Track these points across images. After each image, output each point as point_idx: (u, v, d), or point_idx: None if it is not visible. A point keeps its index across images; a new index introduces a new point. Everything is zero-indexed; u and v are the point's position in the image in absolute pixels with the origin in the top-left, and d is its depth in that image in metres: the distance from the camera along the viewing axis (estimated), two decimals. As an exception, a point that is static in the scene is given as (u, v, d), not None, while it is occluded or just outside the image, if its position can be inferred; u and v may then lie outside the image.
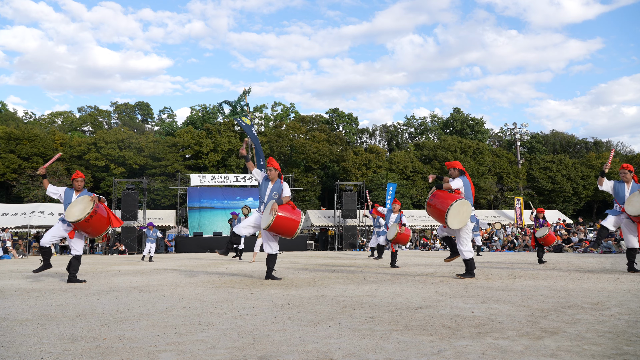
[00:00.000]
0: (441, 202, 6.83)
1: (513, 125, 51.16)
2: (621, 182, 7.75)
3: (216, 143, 43.83)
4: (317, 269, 9.78)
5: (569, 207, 45.60)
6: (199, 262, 13.83)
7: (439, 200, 6.89)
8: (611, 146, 58.06)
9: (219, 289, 5.89)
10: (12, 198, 37.78)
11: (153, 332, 3.21)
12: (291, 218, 6.80)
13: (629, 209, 7.35)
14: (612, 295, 4.78)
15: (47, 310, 4.26)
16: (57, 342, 2.95)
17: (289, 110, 60.41)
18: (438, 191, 7.03)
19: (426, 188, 43.46)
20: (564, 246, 19.42)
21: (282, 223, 6.73)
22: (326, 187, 45.73)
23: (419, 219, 31.49)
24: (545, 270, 8.46)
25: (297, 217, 6.86)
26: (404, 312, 3.90)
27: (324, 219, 30.53)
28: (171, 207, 35.63)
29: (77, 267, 7.24)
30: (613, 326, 3.18)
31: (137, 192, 26.77)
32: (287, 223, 6.77)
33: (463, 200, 6.76)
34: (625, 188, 7.64)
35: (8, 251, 19.96)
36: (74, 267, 7.21)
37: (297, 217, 6.87)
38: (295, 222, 6.81)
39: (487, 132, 59.38)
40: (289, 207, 6.91)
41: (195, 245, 25.29)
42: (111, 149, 41.07)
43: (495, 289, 5.45)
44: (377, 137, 61.24)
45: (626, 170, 7.74)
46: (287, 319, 3.64)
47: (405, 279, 7.12)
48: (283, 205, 6.87)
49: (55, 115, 57.23)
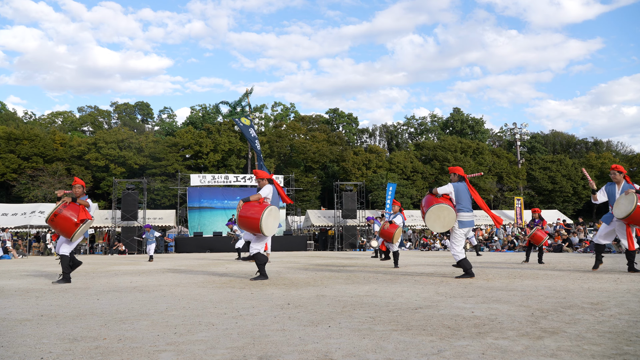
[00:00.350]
0: (424, 206, 7.21)
1: (513, 125, 51.17)
2: (612, 184, 7.65)
3: (216, 143, 43.83)
4: (317, 269, 9.78)
5: (569, 207, 45.60)
6: (199, 262, 13.83)
7: (424, 204, 7.26)
8: (611, 146, 58.08)
9: (219, 289, 5.89)
10: (12, 198, 37.78)
11: (153, 332, 3.21)
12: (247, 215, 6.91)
13: (616, 212, 7.29)
14: (612, 295, 4.78)
15: (47, 310, 4.26)
16: (57, 342, 2.95)
17: (289, 110, 60.43)
18: (428, 196, 7.32)
19: (426, 188, 43.46)
20: (562, 246, 19.42)
21: (242, 222, 6.97)
22: (326, 187, 45.74)
23: (419, 219, 31.46)
24: (545, 270, 8.46)
25: (256, 215, 6.86)
26: (404, 312, 3.90)
27: (324, 219, 30.53)
28: (171, 207, 35.63)
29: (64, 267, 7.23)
30: (613, 326, 3.18)
31: (137, 192, 26.77)
32: (247, 221, 6.92)
33: (441, 205, 6.98)
34: (616, 189, 7.54)
35: (8, 251, 19.96)
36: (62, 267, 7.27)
37: (257, 214, 6.86)
38: (254, 219, 6.87)
39: (487, 132, 59.40)
40: (255, 204, 7.01)
41: (195, 245, 25.29)
42: (111, 149, 41.07)
43: (495, 289, 5.45)
44: (377, 137, 61.26)
45: (615, 171, 7.62)
46: (287, 319, 3.64)
47: (405, 279, 7.12)
48: (247, 203, 7.00)
49: (55, 115, 57.26)
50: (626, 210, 7.11)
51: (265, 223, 6.84)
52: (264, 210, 6.85)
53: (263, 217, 6.80)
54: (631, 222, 7.27)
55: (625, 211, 7.12)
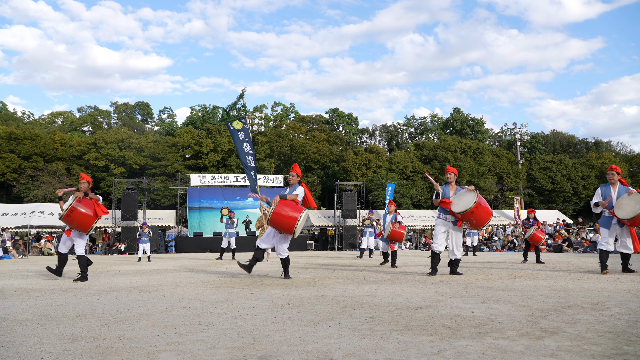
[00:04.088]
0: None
1: (513, 125, 51.16)
2: (607, 186, 7.57)
3: (216, 143, 43.83)
4: (317, 268, 9.78)
5: (569, 207, 45.58)
6: (199, 262, 13.83)
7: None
8: (611, 146, 58.07)
9: (219, 289, 5.89)
10: (12, 198, 37.77)
11: (153, 332, 3.21)
12: (286, 214, 6.87)
13: (620, 213, 7.19)
14: (612, 295, 4.78)
15: (47, 310, 4.26)
16: (57, 342, 2.95)
17: (289, 110, 60.43)
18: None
19: (426, 188, 43.45)
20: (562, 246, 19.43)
21: (277, 219, 6.91)
22: (326, 187, 45.73)
23: (419, 219, 31.48)
24: (545, 270, 8.46)
25: (294, 214, 6.87)
26: (404, 312, 3.90)
27: (324, 219, 30.52)
28: (171, 207, 35.61)
29: (81, 266, 7.38)
30: (613, 326, 3.18)
31: (137, 192, 26.76)
32: (282, 219, 6.89)
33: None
34: (611, 191, 7.46)
35: (8, 251, 19.96)
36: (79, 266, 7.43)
37: (296, 213, 6.88)
38: (291, 219, 6.86)
39: (487, 132, 59.39)
40: (292, 203, 6.99)
41: (195, 245, 25.28)
42: (111, 149, 41.06)
43: (495, 289, 5.45)
44: (377, 137, 61.23)
45: (614, 171, 7.56)
46: (287, 319, 3.64)
47: (405, 279, 7.12)
48: (284, 200, 6.97)
49: (55, 115, 57.27)
50: (633, 211, 7.03)
51: (299, 225, 6.91)
52: (302, 213, 6.92)
53: (300, 219, 6.87)
54: (634, 224, 7.24)
55: (633, 212, 7.03)
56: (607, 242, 7.49)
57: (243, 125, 13.30)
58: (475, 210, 7.03)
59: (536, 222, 11.72)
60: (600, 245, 7.56)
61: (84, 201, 7.31)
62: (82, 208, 7.25)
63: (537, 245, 11.42)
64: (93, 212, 7.32)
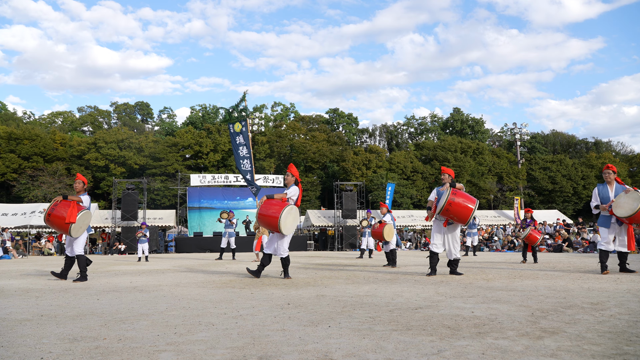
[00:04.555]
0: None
1: (513, 125, 51.19)
2: (604, 185, 7.59)
3: (216, 143, 43.85)
4: (317, 268, 9.78)
5: (569, 207, 45.59)
6: (199, 262, 13.83)
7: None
8: (611, 146, 58.06)
9: (219, 289, 5.89)
10: (12, 198, 37.77)
11: (153, 332, 3.21)
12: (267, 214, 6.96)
13: (618, 212, 7.20)
14: (612, 295, 4.78)
15: (47, 310, 4.26)
16: (57, 342, 2.95)
17: (289, 110, 60.45)
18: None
19: (426, 188, 43.46)
20: (562, 246, 19.42)
21: (262, 219, 7.08)
22: (326, 187, 45.73)
23: (419, 219, 31.46)
24: (545, 270, 8.46)
25: (274, 213, 6.91)
26: (404, 312, 3.90)
27: (324, 219, 30.51)
28: (171, 207, 35.62)
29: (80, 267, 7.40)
30: (613, 326, 3.18)
31: (137, 192, 26.75)
32: (266, 219, 7.02)
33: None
34: (608, 190, 7.48)
35: (8, 251, 19.95)
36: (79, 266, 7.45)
37: (275, 213, 6.91)
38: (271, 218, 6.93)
39: (487, 132, 59.41)
40: (278, 202, 7.06)
41: (195, 245, 25.27)
42: (111, 149, 41.07)
43: (495, 289, 5.45)
44: (377, 137, 61.25)
45: (610, 170, 7.57)
46: (287, 319, 3.64)
47: (405, 279, 7.12)
48: (269, 200, 7.08)
49: (55, 115, 57.29)
50: (632, 209, 7.03)
51: (284, 222, 6.90)
52: (283, 209, 6.90)
53: (282, 216, 6.86)
54: (633, 222, 7.26)
55: (631, 209, 7.03)
56: (607, 242, 7.50)
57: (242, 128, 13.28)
58: (449, 207, 7.05)
59: (533, 222, 11.73)
60: (600, 246, 7.57)
61: (61, 204, 7.39)
62: (58, 211, 7.34)
63: (533, 245, 11.45)
64: (68, 214, 7.31)
